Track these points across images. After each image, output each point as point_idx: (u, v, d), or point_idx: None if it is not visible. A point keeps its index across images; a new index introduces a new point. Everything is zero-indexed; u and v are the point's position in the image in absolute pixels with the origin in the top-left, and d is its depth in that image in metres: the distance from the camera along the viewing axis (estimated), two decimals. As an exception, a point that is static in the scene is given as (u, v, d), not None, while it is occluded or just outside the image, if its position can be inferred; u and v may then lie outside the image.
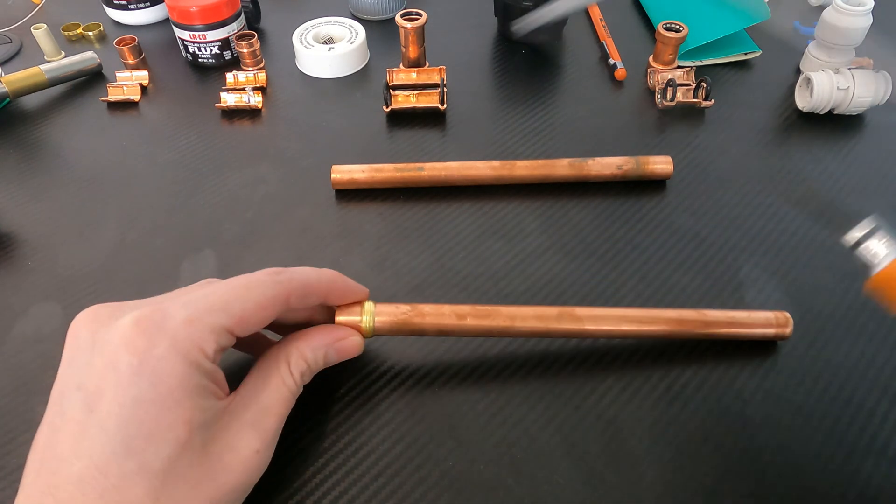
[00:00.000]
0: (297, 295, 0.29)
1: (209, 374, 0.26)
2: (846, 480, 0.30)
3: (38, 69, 0.52)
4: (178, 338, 0.25)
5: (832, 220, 0.42)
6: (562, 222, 0.42)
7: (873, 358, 0.34)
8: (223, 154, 0.48)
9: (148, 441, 0.24)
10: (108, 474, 0.23)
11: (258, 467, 0.27)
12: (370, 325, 0.32)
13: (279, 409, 0.28)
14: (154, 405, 0.24)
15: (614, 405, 0.33)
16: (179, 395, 0.25)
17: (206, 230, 0.42)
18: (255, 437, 0.27)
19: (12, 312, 0.38)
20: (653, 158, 0.44)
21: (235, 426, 0.26)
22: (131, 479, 0.23)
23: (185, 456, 0.24)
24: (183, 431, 0.24)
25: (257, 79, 0.53)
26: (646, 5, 0.61)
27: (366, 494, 0.30)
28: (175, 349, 0.25)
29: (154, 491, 0.23)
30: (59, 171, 0.47)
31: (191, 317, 0.26)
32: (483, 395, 0.33)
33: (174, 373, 0.25)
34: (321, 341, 0.30)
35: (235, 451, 0.26)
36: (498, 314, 0.33)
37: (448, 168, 0.44)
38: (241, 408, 0.27)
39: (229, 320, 0.26)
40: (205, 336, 0.26)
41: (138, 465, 0.23)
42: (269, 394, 0.28)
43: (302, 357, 0.30)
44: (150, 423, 0.24)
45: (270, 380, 0.29)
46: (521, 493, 0.29)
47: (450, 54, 0.56)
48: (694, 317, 0.34)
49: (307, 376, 0.30)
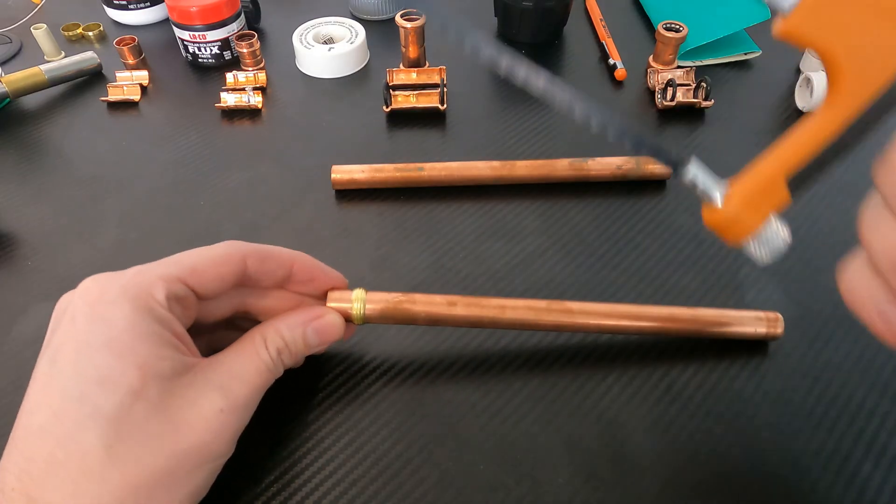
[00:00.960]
0: (254, 257, 0.29)
1: (163, 321, 0.26)
2: (846, 480, 0.30)
3: (38, 69, 0.52)
4: (128, 285, 0.26)
5: (832, 220, 0.42)
6: (562, 222, 0.42)
7: (873, 358, 0.34)
8: (223, 154, 0.48)
9: (100, 386, 0.24)
10: (63, 420, 0.24)
11: (220, 429, 0.26)
12: (360, 312, 0.32)
13: (251, 378, 0.28)
14: (105, 349, 0.24)
15: (614, 405, 0.33)
16: (129, 338, 0.25)
17: (206, 230, 0.42)
18: (219, 397, 0.26)
19: (12, 312, 0.38)
20: (652, 158, 0.44)
21: (200, 384, 0.26)
22: (84, 424, 0.23)
23: (140, 404, 0.24)
24: (135, 377, 0.24)
25: (257, 79, 0.53)
26: (646, 5, 0.61)
27: (366, 494, 0.30)
28: (124, 294, 0.26)
29: (107, 437, 0.23)
30: (59, 171, 0.47)
31: (141, 269, 0.27)
32: (483, 395, 0.33)
33: (123, 315, 0.25)
34: (297, 319, 0.30)
35: (197, 408, 0.25)
36: (488, 303, 0.33)
37: (448, 168, 0.44)
38: (209, 370, 0.27)
39: (180, 270, 0.27)
40: (153, 282, 0.26)
41: (91, 410, 0.24)
42: (241, 362, 0.28)
43: (278, 333, 0.29)
44: (102, 368, 0.24)
45: (244, 350, 0.29)
46: (521, 493, 0.29)
47: (450, 54, 0.56)
48: (684, 314, 0.34)
49: (286, 356, 0.30)
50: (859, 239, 0.19)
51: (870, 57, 0.19)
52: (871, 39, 0.18)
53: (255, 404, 0.28)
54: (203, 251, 0.29)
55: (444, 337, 0.36)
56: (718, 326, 0.34)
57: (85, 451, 0.23)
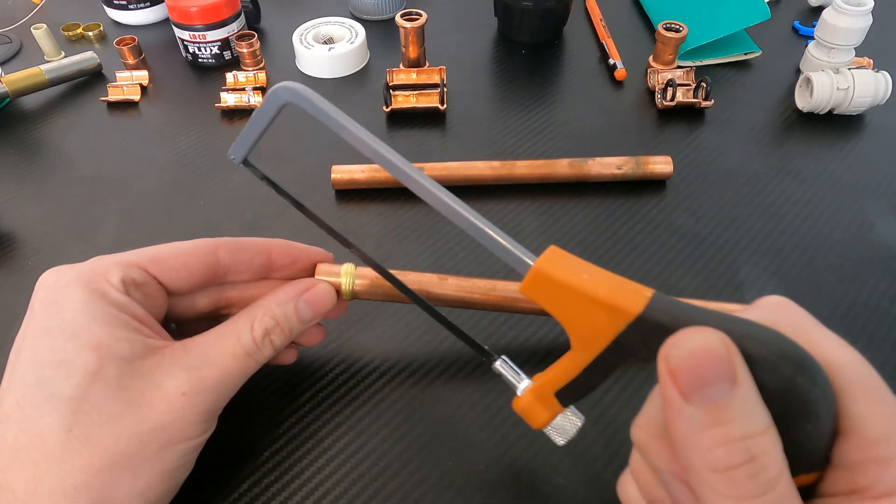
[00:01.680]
0: (225, 248, 0.29)
1: (119, 304, 0.26)
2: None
3: (38, 69, 0.52)
4: (83, 270, 0.26)
5: (832, 220, 0.42)
6: (562, 222, 0.42)
7: (873, 358, 0.34)
8: (223, 154, 0.48)
9: (57, 369, 0.24)
10: (23, 405, 0.24)
11: (183, 410, 0.25)
12: (350, 287, 0.31)
13: (223, 362, 0.27)
14: (60, 332, 0.25)
15: (614, 405, 0.33)
16: (83, 320, 0.25)
17: (206, 230, 0.42)
18: (184, 379, 0.25)
19: (12, 312, 0.38)
20: (653, 158, 0.44)
21: (168, 366, 0.26)
22: (42, 408, 0.24)
23: (97, 386, 0.24)
24: (91, 359, 0.24)
25: (257, 79, 0.53)
26: (646, 5, 0.61)
27: (366, 494, 0.30)
28: (78, 279, 0.26)
29: (65, 421, 0.23)
30: (59, 171, 0.47)
31: (99, 258, 0.27)
32: (483, 395, 0.33)
33: (76, 298, 0.25)
34: (287, 294, 0.29)
35: (159, 389, 0.25)
36: (480, 284, 0.33)
37: (448, 168, 0.44)
38: (181, 352, 0.26)
39: (138, 257, 0.27)
40: (108, 266, 0.26)
41: (49, 393, 0.24)
42: (217, 345, 0.27)
43: (267, 313, 0.28)
44: (58, 351, 0.24)
45: (222, 333, 0.27)
46: (521, 493, 0.29)
47: (450, 54, 0.56)
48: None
49: (277, 336, 0.28)
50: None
51: (586, 328, 0.21)
52: (582, 315, 0.21)
53: (228, 388, 0.27)
54: (172, 244, 0.29)
55: (444, 337, 0.36)
56: None
57: (45, 435, 0.23)
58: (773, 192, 0.44)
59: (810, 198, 0.43)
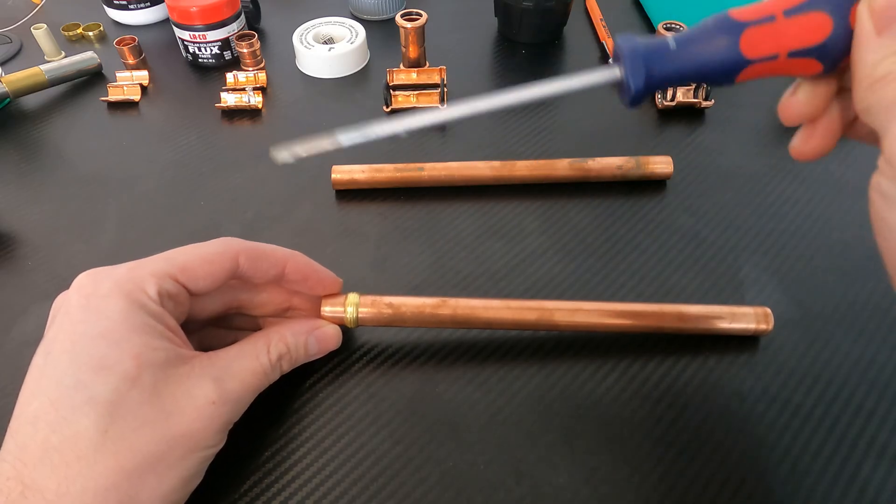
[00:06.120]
0: (246, 255, 0.30)
1: (155, 315, 0.27)
2: (846, 480, 0.30)
3: (38, 69, 0.52)
4: (121, 280, 0.27)
5: (832, 220, 0.42)
6: (562, 222, 0.42)
7: (873, 358, 0.34)
8: (223, 154, 0.48)
9: (96, 374, 0.25)
10: (59, 407, 0.24)
11: (211, 419, 0.27)
12: (354, 317, 0.33)
13: (246, 378, 0.29)
14: (101, 339, 0.25)
15: (614, 405, 0.33)
16: (124, 330, 0.26)
17: (206, 230, 0.42)
18: (213, 389, 0.27)
19: (12, 312, 0.38)
20: (653, 158, 0.44)
21: (197, 375, 0.27)
22: (80, 410, 0.24)
23: (135, 391, 0.25)
24: (131, 366, 0.25)
25: (257, 79, 0.53)
26: (646, 5, 0.61)
27: (366, 494, 0.30)
28: (118, 289, 0.27)
29: (102, 422, 0.24)
30: (59, 171, 0.47)
31: (134, 266, 0.28)
32: (483, 394, 0.33)
33: (117, 308, 0.26)
34: (301, 327, 0.32)
35: (190, 397, 0.26)
36: (475, 306, 0.34)
37: (448, 168, 0.44)
38: (208, 363, 0.28)
39: (171, 267, 0.28)
40: (145, 278, 0.27)
41: (87, 396, 0.24)
42: (240, 361, 0.29)
43: (282, 340, 0.31)
44: (98, 357, 0.25)
45: (244, 350, 0.29)
46: (521, 493, 0.29)
47: (450, 54, 0.56)
48: (670, 311, 0.34)
49: (286, 362, 0.31)
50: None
51: None
52: None
53: (246, 402, 0.29)
54: (196, 248, 0.30)
55: (444, 336, 0.36)
56: (705, 322, 0.34)
57: (79, 436, 0.24)
58: (773, 192, 0.44)
59: (810, 198, 0.43)
